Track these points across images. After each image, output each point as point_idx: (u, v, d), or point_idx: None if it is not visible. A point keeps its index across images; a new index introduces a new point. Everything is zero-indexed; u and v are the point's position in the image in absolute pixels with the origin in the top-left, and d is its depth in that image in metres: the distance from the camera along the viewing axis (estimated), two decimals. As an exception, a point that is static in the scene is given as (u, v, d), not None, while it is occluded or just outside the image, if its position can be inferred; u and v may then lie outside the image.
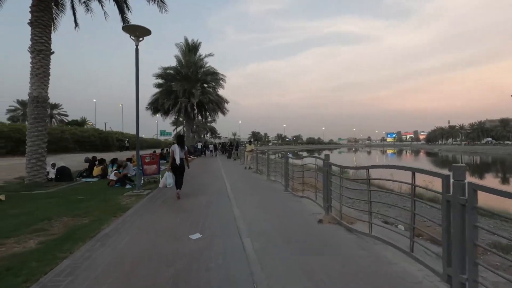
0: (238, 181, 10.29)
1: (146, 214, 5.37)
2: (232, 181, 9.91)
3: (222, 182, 9.71)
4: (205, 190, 8.30)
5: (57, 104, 72.09)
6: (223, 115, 30.97)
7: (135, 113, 7.84)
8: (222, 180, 10.24)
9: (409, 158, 58.36)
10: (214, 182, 9.88)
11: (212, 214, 5.32)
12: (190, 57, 28.71)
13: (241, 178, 11.13)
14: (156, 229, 4.39)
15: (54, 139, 23.81)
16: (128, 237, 4.01)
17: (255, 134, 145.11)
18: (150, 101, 28.60)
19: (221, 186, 8.94)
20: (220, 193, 7.69)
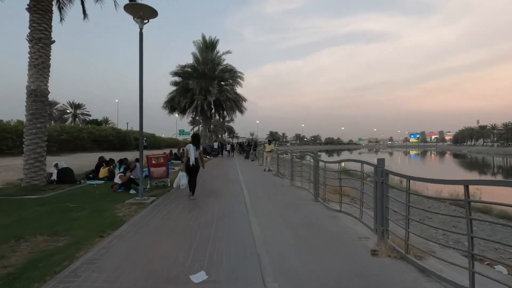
0: (257, 186, 9.02)
1: (141, 234, 4.19)
2: (251, 186, 8.67)
3: (239, 188, 8.48)
4: (219, 197, 7.09)
5: (80, 104, 74.01)
6: (241, 114, 29.88)
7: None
8: (239, 185, 9.01)
9: (458, 162, 52.49)
10: (229, 187, 8.67)
11: (224, 236, 4.05)
12: (207, 54, 27.79)
13: (260, 183, 9.85)
14: (147, 261, 3.18)
15: (70, 137, 23.65)
16: (105, 275, 2.83)
17: (273, 134, 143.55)
18: (167, 99, 27.95)
19: (238, 192, 7.70)
20: (236, 202, 6.44)
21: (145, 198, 6.60)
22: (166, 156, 8.02)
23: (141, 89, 6.65)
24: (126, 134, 34.73)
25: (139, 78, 6.64)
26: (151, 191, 7.68)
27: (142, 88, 6.66)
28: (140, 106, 6.70)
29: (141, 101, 6.70)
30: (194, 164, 6.66)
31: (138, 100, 6.66)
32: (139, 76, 6.64)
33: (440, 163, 46.87)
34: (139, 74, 6.64)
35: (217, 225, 4.57)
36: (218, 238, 3.95)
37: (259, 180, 10.71)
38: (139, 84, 6.64)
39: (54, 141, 21.54)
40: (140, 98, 6.68)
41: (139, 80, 6.64)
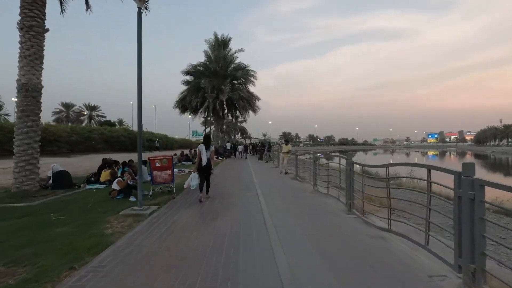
0: (275, 192, 7.87)
1: (126, 265, 3.10)
2: (267, 192, 7.53)
3: (254, 194, 7.36)
4: (232, 207, 5.99)
5: (96, 106, 75.05)
6: (254, 113, 28.76)
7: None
8: (254, 190, 7.90)
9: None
10: (243, 193, 7.56)
11: (240, 274, 2.93)
12: (219, 52, 26.88)
13: (278, 188, 8.69)
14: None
15: (81, 138, 23.27)
16: None
17: (286, 134, 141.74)
18: (178, 99, 27.21)
19: (253, 200, 6.58)
20: (252, 215, 5.30)
21: (145, 207, 5.58)
22: (171, 158, 6.98)
23: (139, 77, 5.64)
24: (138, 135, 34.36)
25: (138, 66, 5.64)
26: (153, 198, 6.67)
27: (141, 77, 5.66)
28: (138, 97, 5.69)
29: (139, 91, 5.69)
30: (207, 164, 6.61)
31: (137, 91, 5.66)
32: (137, 64, 5.64)
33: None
34: (137, 61, 5.64)
35: (229, 253, 3.43)
36: (230, 277, 2.82)
37: (276, 184, 9.55)
38: (138, 73, 5.64)
39: (65, 142, 21.19)
40: (139, 88, 5.67)
41: (138, 69, 5.64)
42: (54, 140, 19.43)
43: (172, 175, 7.04)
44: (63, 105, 72.23)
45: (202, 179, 6.70)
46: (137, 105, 5.72)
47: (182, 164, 18.25)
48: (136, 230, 4.36)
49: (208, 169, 6.70)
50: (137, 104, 5.72)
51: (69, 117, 69.06)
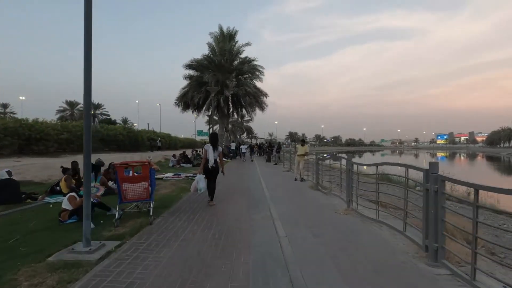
0: (296, 213, 5.63)
1: None
2: (285, 213, 5.35)
3: (267, 215, 5.20)
4: (237, 242, 3.81)
5: (99, 104, 74.58)
6: (262, 111, 26.52)
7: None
8: (266, 209, 5.73)
9: None
10: (252, 216, 5.38)
11: None
12: (225, 44, 24.79)
13: (298, 205, 6.45)
14: None
15: (73, 137, 21.29)
16: None
17: (293, 134, 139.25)
18: (179, 95, 25.17)
19: (268, 233, 4.37)
20: (268, 262, 3.14)
21: (94, 245, 3.45)
22: (147, 165, 4.78)
23: (88, 46, 3.51)
24: (138, 133, 32.43)
25: (85, 38, 3.51)
26: (121, 224, 4.54)
27: (91, 34, 3.52)
28: (86, 77, 3.56)
29: (88, 65, 3.56)
30: (214, 166, 6.10)
31: (83, 65, 3.54)
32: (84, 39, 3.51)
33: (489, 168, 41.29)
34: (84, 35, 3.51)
35: None
36: None
37: (295, 198, 7.34)
38: (84, 46, 3.51)
39: (54, 141, 19.29)
40: (87, 61, 3.54)
41: (84, 41, 3.51)
42: (40, 139, 17.52)
43: (150, 188, 4.87)
44: (68, 103, 71.57)
45: (209, 182, 6.15)
46: (84, 86, 3.58)
47: (180, 167, 16.19)
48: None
49: (215, 172, 6.18)
50: (83, 84, 3.58)
51: (74, 115, 68.20)
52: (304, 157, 10.62)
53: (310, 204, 6.54)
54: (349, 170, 5.83)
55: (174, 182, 9.77)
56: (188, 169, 15.29)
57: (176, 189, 8.12)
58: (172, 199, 6.67)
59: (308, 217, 5.27)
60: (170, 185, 8.99)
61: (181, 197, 7.02)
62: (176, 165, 16.40)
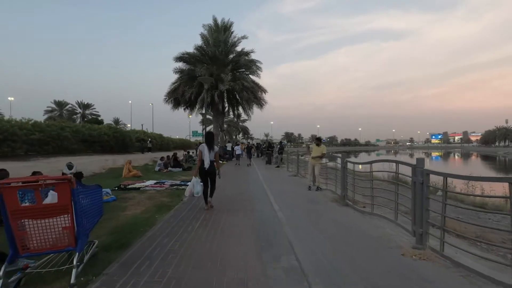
0: (338, 254, 3.41)
1: None
2: (320, 258, 3.13)
3: (292, 266, 2.97)
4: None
5: (89, 104, 72.30)
6: (260, 108, 24.19)
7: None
8: (287, 249, 3.51)
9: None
10: (265, 257, 3.15)
11: None
12: (219, 35, 22.51)
13: (335, 235, 4.21)
14: None
15: (49, 137, 18.77)
16: None
17: (289, 134, 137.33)
18: (169, 90, 22.78)
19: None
20: None
21: None
22: (69, 181, 2.47)
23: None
24: (126, 134, 29.85)
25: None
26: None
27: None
28: None
29: None
30: (210, 167, 5.61)
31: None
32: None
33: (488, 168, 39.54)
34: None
35: None
36: None
37: (322, 222, 5.10)
38: None
39: (22, 142, 16.78)
40: None
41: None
42: (4, 139, 15.04)
43: (77, 228, 2.55)
44: (56, 103, 68.99)
45: (205, 184, 5.72)
46: None
47: (168, 172, 13.86)
48: None
49: (211, 174, 5.74)
50: None
51: (62, 115, 65.62)
52: (321, 160, 8.42)
53: (350, 234, 4.30)
54: (425, 189, 3.58)
55: (153, 194, 7.49)
56: (176, 174, 12.98)
57: (151, 207, 5.84)
58: (137, 228, 4.39)
59: (362, 267, 3.03)
60: (145, 199, 6.70)
61: (154, 223, 4.73)
62: (164, 170, 14.07)
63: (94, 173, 12.99)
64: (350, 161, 6.31)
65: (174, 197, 6.99)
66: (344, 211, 5.75)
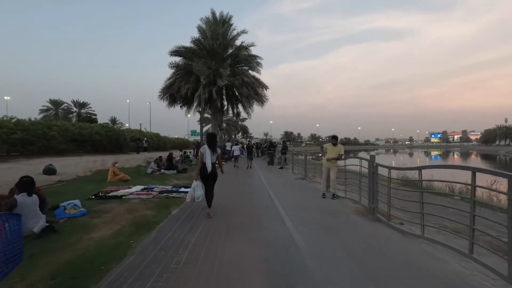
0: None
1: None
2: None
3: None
4: None
5: (85, 103, 71.16)
6: (261, 105, 22.81)
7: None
8: (309, 284, 2.22)
9: None
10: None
11: None
12: (217, 27, 21.15)
13: (382, 278, 2.96)
14: None
15: (34, 137, 17.41)
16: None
17: (288, 134, 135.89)
18: (164, 86, 21.38)
19: None
20: None
21: None
22: None
23: None
24: (120, 133, 28.46)
25: None
26: None
27: None
28: None
29: None
30: (212, 170, 5.24)
31: None
32: None
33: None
34: None
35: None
36: None
37: (356, 251, 3.79)
38: None
39: (2, 141, 15.42)
40: None
41: None
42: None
43: None
44: (52, 102, 67.54)
45: (206, 189, 5.30)
46: None
47: (161, 174, 12.52)
48: None
49: (213, 178, 5.34)
50: None
51: (58, 115, 64.21)
52: (337, 163, 7.10)
53: (401, 269, 2.99)
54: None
55: (136, 204, 6.14)
56: (170, 177, 11.64)
57: (127, 226, 4.49)
58: (98, 263, 3.05)
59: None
60: (125, 212, 5.35)
61: (125, 253, 3.39)
62: (156, 172, 12.72)
63: (78, 176, 11.59)
64: (384, 165, 4.98)
65: (161, 209, 5.66)
66: (379, 230, 4.43)
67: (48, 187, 9.16)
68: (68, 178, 10.85)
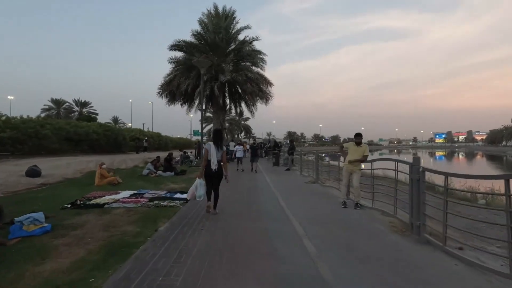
0: None
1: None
2: None
3: None
4: None
5: (86, 102, 70.45)
6: (265, 103, 21.60)
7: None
8: None
9: None
10: None
11: None
12: (220, 21, 20.03)
13: None
14: None
15: (24, 136, 16.40)
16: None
17: (291, 134, 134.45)
18: (163, 82, 20.28)
19: None
20: None
21: None
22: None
23: None
24: (119, 132, 27.45)
25: None
26: None
27: None
28: None
29: None
30: (217, 169, 5.01)
31: None
32: None
33: None
34: None
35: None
36: None
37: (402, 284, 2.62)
38: None
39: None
40: None
41: None
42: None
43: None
44: (53, 101, 66.87)
45: (209, 187, 5.12)
46: None
47: (158, 176, 11.41)
48: None
49: (218, 177, 5.12)
50: None
51: (60, 114, 63.57)
52: (361, 166, 5.94)
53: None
54: None
55: (118, 215, 5.01)
56: (166, 180, 10.52)
57: (95, 252, 3.36)
58: None
59: None
60: (99, 229, 4.22)
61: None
62: (152, 174, 11.62)
63: (65, 178, 10.49)
64: (437, 171, 3.80)
65: (147, 223, 4.52)
66: (434, 259, 3.26)
67: (27, 191, 8.09)
68: (53, 180, 9.77)
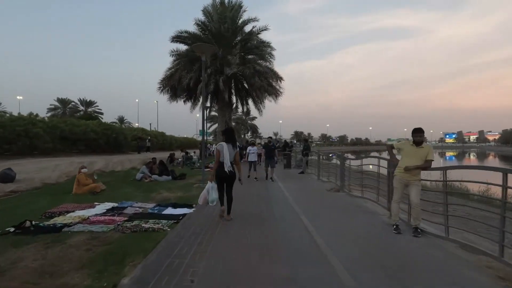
0: None
1: None
2: None
3: None
4: None
5: (92, 101, 70.20)
6: (275, 99, 19.87)
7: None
8: None
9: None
10: None
11: None
12: (225, 10, 18.42)
13: None
14: None
15: (11, 134, 15.09)
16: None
17: (298, 133, 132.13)
18: (164, 76, 18.74)
19: None
20: None
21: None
22: None
23: None
24: (120, 131, 26.05)
25: None
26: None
27: None
28: None
29: None
30: (231, 170, 4.63)
31: None
32: None
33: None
34: None
35: None
36: None
37: None
38: None
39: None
40: None
41: None
42: None
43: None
44: (59, 101, 66.56)
45: (221, 191, 4.73)
46: None
47: (152, 181, 9.83)
48: None
49: (231, 179, 4.73)
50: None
51: (66, 113, 63.06)
52: (416, 173, 4.20)
53: None
54: None
55: (76, 246, 3.40)
56: (161, 185, 8.92)
57: None
58: None
59: None
60: (35, 273, 2.60)
61: None
62: (146, 178, 10.04)
63: (44, 183, 8.95)
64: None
65: (108, 267, 2.89)
66: None
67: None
68: (28, 187, 8.27)
